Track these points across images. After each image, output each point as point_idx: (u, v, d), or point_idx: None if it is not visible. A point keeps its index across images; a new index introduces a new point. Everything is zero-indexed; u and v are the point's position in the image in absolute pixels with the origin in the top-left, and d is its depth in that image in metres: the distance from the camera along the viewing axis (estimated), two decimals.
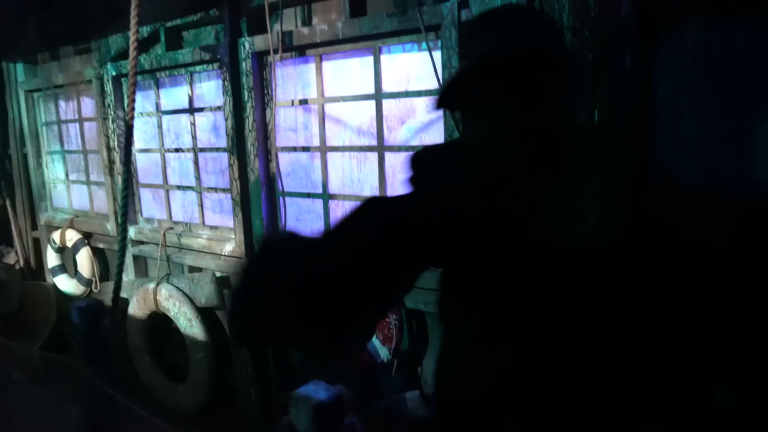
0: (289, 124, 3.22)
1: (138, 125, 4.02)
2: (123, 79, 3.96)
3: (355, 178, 3.00)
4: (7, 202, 5.44)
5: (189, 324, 3.51)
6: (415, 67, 2.66)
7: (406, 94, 2.71)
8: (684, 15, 1.82)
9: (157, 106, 3.93)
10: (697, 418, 0.99)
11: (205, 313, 3.54)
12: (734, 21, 1.65)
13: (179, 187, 3.93)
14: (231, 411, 3.59)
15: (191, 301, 3.53)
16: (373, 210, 1.11)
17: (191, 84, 3.66)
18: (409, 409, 2.65)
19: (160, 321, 3.77)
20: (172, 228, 3.94)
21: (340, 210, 3.10)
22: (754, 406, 0.96)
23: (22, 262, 5.37)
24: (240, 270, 1.10)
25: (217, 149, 3.58)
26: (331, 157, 3.07)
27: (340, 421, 1.92)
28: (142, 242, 4.10)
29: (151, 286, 3.69)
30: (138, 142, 4.10)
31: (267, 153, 3.27)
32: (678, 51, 1.83)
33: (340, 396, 1.93)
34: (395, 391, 2.78)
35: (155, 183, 4.09)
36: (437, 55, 2.44)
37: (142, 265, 4.22)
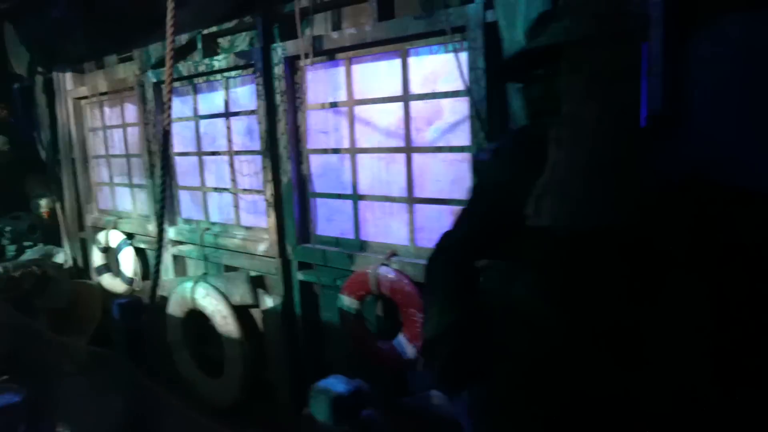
0: (320, 127, 3.30)
1: (177, 129, 4.18)
2: (163, 86, 4.12)
3: (384, 179, 3.05)
4: (57, 205, 5.73)
5: (224, 321, 3.63)
6: (442, 69, 2.69)
7: (434, 95, 2.74)
8: (723, 4, 1.76)
9: (195, 110, 4.08)
10: None
11: (239, 311, 3.65)
12: None
13: (216, 189, 4.06)
14: (266, 405, 3.69)
15: (226, 299, 3.65)
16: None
17: (227, 89, 3.78)
18: (436, 406, 2.68)
19: (197, 318, 3.90)
20: (209, 228, 4.07)
21: (369, 211, 3.15)
22: None
23: (71, 262, 5.64)
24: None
25: (252, 152, 3.69)
26: (361, 158, 3.13)
27: (358, 413, 1.99)
28: (181, 242, 4.26)
29: (189, 284, 3.83)
30: (177, 146, 4.25)
31: (299, 155, 3.35)
32: (716, 42, 1.77)
33: (358, 389, 2.00)
34: (424, 388, 2.81)
35: (193, 185, 4.24)
36: (463, 56, 2.47)
37: (181, 264, 4.37)
